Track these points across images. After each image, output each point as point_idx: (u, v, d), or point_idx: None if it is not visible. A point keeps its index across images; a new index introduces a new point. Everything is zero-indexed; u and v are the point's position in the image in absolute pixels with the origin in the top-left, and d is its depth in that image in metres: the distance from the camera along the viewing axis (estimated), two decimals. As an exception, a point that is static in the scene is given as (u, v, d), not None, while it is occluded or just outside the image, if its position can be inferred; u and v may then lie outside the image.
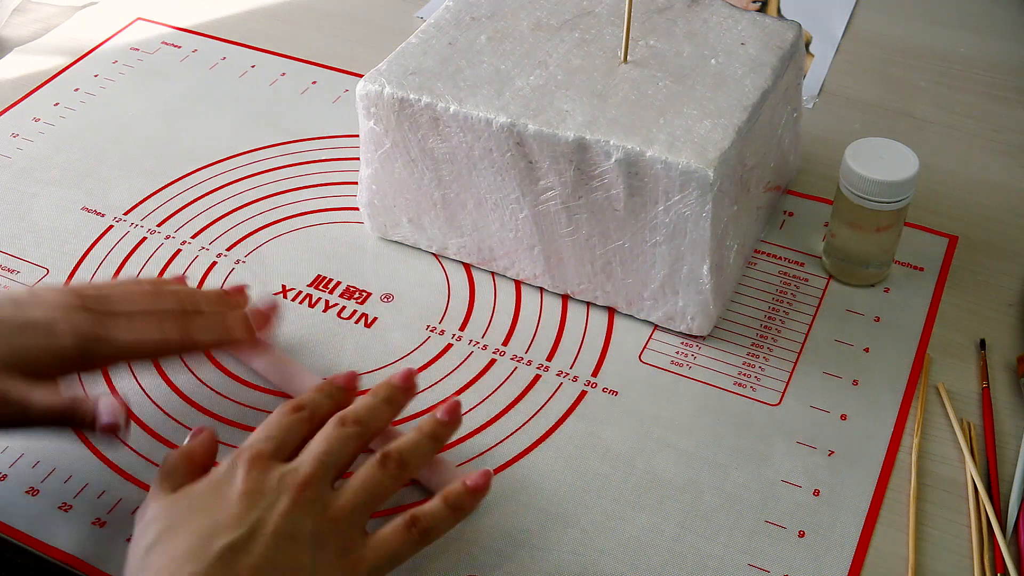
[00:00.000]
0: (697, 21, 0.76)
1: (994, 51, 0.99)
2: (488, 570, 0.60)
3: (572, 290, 0.75)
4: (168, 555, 0.52)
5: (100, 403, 0.59)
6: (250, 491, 0.54)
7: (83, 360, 0.61)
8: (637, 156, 0.65)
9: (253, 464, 0.56)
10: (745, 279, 0.77)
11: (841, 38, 1.01)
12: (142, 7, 1.06)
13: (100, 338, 0.61)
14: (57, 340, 0.60)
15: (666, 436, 0.67)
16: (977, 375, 0.70)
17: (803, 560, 0.61)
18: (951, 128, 0.91)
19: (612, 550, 0.61)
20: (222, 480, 0.55)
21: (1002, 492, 0.63)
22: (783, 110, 0.76)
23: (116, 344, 0.61)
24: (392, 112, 0.71)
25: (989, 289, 0.76)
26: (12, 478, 0.65)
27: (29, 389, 0.58)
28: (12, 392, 0.57)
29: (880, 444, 0.66)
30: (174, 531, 0.53)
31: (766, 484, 0.64)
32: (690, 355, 0.72)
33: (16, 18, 1.07)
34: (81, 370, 0.62)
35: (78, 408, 0.59)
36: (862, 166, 0.70)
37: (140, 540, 0.54)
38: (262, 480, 0.55)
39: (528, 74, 0.71)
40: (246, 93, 0.95)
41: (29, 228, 0.82)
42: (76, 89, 0.96)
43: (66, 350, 0.60)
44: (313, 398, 0.61)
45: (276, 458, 0.57)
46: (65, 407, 0.58)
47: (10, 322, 0.60)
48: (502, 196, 0.71)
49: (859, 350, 0.72)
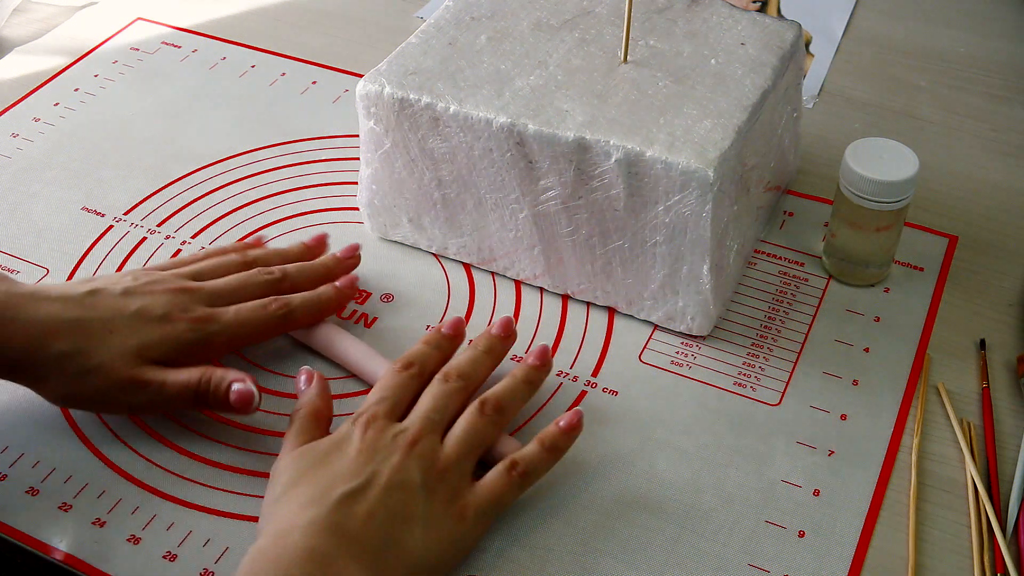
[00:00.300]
0: (697, 21, 0.76)
1: (994, 51, 0.99)
2: (488, 570, 0.60)
3: (572, 290, 0.75)
4: (293, 502, 0.56)
5: (231, 378, 0.63)
6: (366, 448, 0.59)
7: (200, 347, 0.65)
8: (637, 156, 0.65)
9: (369, 425, 0.60)
10: (745, 279, 0.77)
11: (841, 38, 1.01)
12: (142, 7, 1.06)
13: (213, 324, 0.66)
14: (176, 329, 0.64)
15: (666, 436, 0.67)
16: (977, 375, 0.70)
17: (803, 560, 0.61)
18: (951, 128, 0.91)
19: (612, 550, 0.61)
20: (342, 440, 0.60)
21: (1002, 492, 0.63)
22: (783, 110, 0.76)
23: (227, 330, 0.66)
24: (392, 112, 0.71)
25: (989, 289, 0.76)
26: (12, 478, 0.65)
27: (164, 373, 0.63)
28: (149, 376, 0.62)
29: (880, 444, 0.66)
30: (297, 483, 0.57)
31: (766, 484, 0.64)
32: (690, 355, 0.72)
33: (16, 18, 1.07)
34: (199, 357, 0.65)
35: (211, 386, 0.63)
36: (862, 166, 0.70)
37: (270, 492, 0.59)
38: (377, 439, 0.59)
39: (528, 74, 0.71)
40: (246, 93, 0.95)
41: (29, 228, 0.82)
42: (76, 89, 0.96)
43: (184, 337, 0.64)
44: (421, 351, 0.66)
45: (390, 418, 0.61)
46: (199, 386, 0.63)
47: (130, 314, 0.64)
48: (502, 196, 0.71)
49: (859, 350, 0.72)
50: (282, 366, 0.72)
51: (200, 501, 0.64)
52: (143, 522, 0.63)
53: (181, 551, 0.61)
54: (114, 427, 0.68)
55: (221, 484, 0.65)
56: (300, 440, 0.61)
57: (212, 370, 0.63)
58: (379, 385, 0.64)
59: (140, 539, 0.62)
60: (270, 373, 0.71)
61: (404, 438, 0.59)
